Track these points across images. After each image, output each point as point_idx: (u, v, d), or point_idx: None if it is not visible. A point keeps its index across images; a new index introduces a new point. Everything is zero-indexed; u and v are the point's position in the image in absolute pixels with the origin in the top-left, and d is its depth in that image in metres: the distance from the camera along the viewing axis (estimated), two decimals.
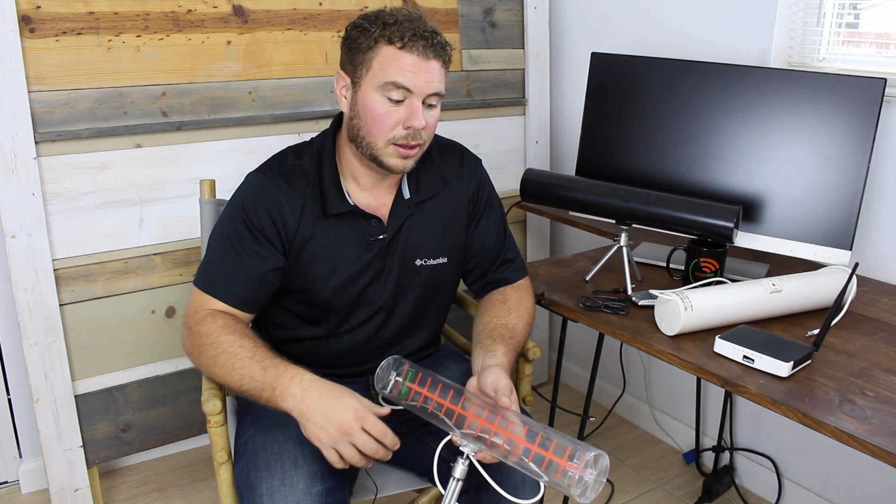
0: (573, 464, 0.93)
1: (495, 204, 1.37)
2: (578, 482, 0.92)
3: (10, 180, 1.55)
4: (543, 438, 0.97)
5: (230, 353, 1.11)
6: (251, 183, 1.23)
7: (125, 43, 1.64)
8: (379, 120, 1.14)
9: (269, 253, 1.20)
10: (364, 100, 1.15)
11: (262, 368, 1.09)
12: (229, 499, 1.22)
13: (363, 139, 1.17)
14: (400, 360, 1.13)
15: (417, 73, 1.12)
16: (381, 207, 1.26)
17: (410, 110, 1.14)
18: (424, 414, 1.08)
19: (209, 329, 1.15)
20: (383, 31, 1.12)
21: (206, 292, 1.20)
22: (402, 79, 1.12)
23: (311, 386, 1.07)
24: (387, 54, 1.12)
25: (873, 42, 1.68)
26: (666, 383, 2.21)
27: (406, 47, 1.12)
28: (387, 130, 1.15)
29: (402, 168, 1.19)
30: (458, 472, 1.04)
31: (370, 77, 1.14)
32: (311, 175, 1.23)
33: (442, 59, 1.16)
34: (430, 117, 1.17)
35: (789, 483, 1.90)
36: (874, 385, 1.13)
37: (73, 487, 1.75)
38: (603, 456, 0.94)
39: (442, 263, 1.31)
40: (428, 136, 1.19)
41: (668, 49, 1.96)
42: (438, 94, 1.17)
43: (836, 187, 1.44)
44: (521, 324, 1.28)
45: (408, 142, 1.16)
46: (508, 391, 1.08)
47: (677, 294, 1.26)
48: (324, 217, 1.22)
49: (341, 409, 1.04)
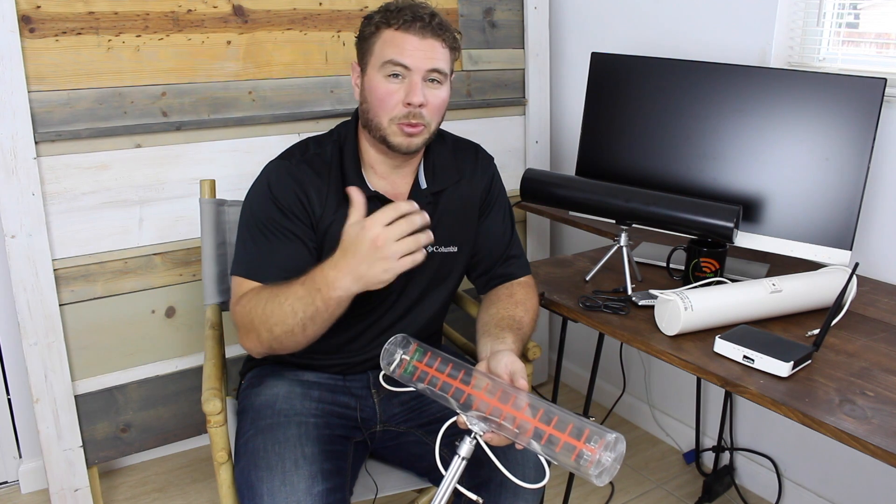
0: (590, 445, 0.90)
1: (504, 200, 1.41)
2: (596, 464, 0.89)
3: (10, 180, 1.55)
4: (560, 421, 0.94)
5: (273, 296, 1.12)
6: (276, 168, 1.25)
7: (125, 43, 1.64)
8: (382, 99, 1.19)
9: (302, 232, 1.22)
10: (369, 83, 1.21)
11: (300, 284, 1.10)
12: (229, 499, 1.21)
13: (371, 121, 1.21)
14: (408, 338, 1.10)
15: (414, 51, 1.17)
16: (398, 196, 1.29)
17: (409, 86, 1.18)
18: (431, 394, 1.05)
19: (248, 298, 1.17)
20: (384, 16, 1.19)
21: (247, 278, 1.20)
22: (398, 56, 1.17)
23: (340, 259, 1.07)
24: (386, 36, 1.18)
25: (873, 42, 1.68)
26: (666, 383, 2.21)
27: (402, 27, 1.17)
28: (389, 109, 1.19)
29: (406, 146, 1.21)
30: (464, 451, 1.00)
31: (373, 61, 1.20)
32: (334, 163, 1.26)
33: (441, 38, 1.19)
34: (432, 96, 1.20)
35: (789, 483, 1.90)
36: (874, 385, 1.13)
37: (73, 487, 1.75)
38: (621, 440, 0.92)
39: (452, 252, 1.33)
40: (431, 115, 1.22)
41: (668, 49, 1.96)
42: (438, 70, 1.19)
43: (836, 187, 1.44)
44: (527, 317, 1.29)
45: (409, 120, 1.19)
46: (523, 374, 1.06)
47: (677, 294, 1.26)
48: (345, 203, 1.23)
49: (360, 244, 1.04)
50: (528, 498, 1.21)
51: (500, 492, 1.19)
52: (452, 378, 1.03)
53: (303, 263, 1.20)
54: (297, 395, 1.26)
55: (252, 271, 1.21)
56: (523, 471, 1.16)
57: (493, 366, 1.09)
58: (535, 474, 1.17)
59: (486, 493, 1.18)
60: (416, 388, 1.07)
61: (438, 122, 1.25)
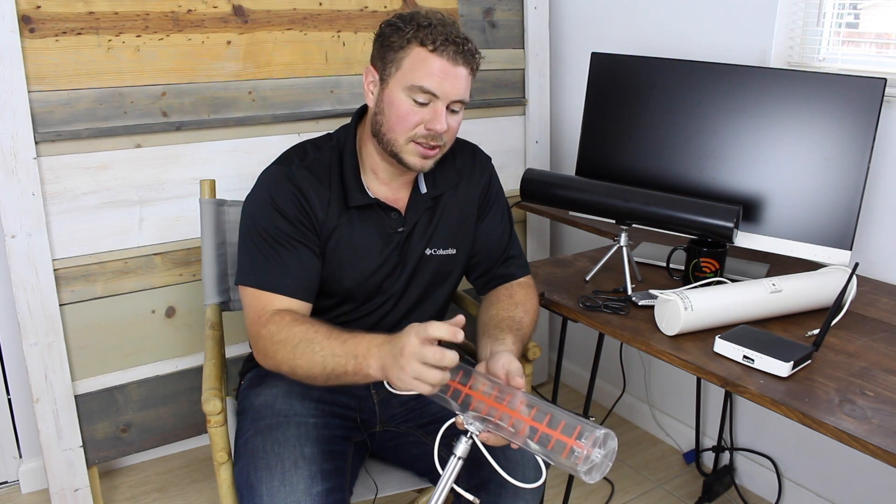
0: (580, 442, 0.91)
1: (502, 201, 1.41)
2: (585, 460, 0.90)
3: (10, 180, 1.55)
4: (552, 419, 0.95)
5: (307, 340, 1.10)
6: (275, 175, 1.23)
7: (125, 43, 1.64)
8: (402, 118, 1.17)
9: (308, 239, 1.22)
10: (390, 97, 1.18)
11: (341, 343, 1.08)
12: (229, 499, 1.21)
13: (385, 135, 1.20)
14: None
15: (444, 79, 1.15)
16: (398, 201, 1.29)
17: (434, 113, 1.16)
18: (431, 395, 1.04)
19: (279, 326, 1.14)
20: (416, 32, 1.15)
21: (266, 290, 1.19)
22: (429, 83, 1.14)
23: (384, 342, 1.04)
24: (417, 56, 1.15)
25: (873, 42, 1.68)
26: (666, 383, 2.21)
27: (437, 51, 1.14)
28: (408, 129, 1.17)
29: (420, 167, 1.21)
30: (460, 451, 1.01)
31: (399, 76, 1.16)
32: (333, 168, 1.25)
33: (470, 66, 1.18)
34: (452, 122, 1.19)
35: (789, 483, 1.90)
36: (874, 385, 1.13)
37: (73, 487, 1.75)
38: (612, 436, 0.92)
39: (451, 254, 1.34)
40: (449, 139, 1.22)
41: (668, 49, 1.96)
42: (462, 101, 1.19)
43: (836, 187, 1.44)
44: (527, 318, 1.29)
45: (427, 142, 1.18)
46: (520, 373, 1.07)
47: (677, 294, 1.26)
48: (346, 209, 1.24)
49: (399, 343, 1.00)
50: (527, 498, 1.21)
51: (500, 492, 1.19)
52: (451, 379, 1.04)
53: (314, 271, 1.22)
54: (296, 396, 1.26)
55: (267, 283, 1.19)
56: (522, 471, 1.16)
57: (492, 366, 1.10)
58: (534, 475, 1.17)
59: (485, 493, 1.18)
60: None
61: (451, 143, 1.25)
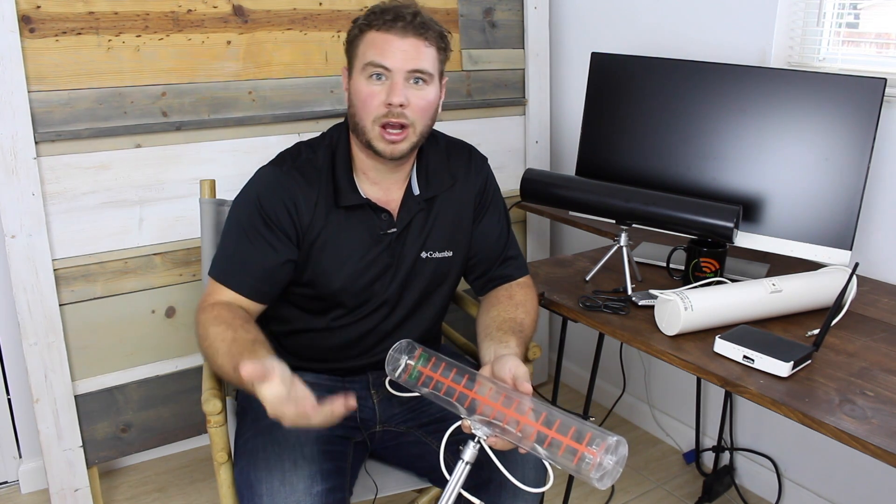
0: (592, 449, 0.91)
1: (499, 202, 1.40)
2: (597, 467, 0.90)
3: (10, 180, 1.55)
4: (561, 424, 0.94)
5: (214, 347, 1.12)
6: (266, 175, 1.25)
7: (125, 43, 1.64)
8: (364, 101, 1.18)
9: (283, 245, 1.22)
10: (354, 86, 1.20)
11: (232, 368, 1.05)
12: (229, 499, 1.22)
13: (357, 125, 1.21)
14: (413, 343, 1.11)
15: (392, 51, 1.16)
16: (390, 202, 1.28)
17: (390, 87, 1.16)
18: (436, 398, 1.06)
19: (204, 319, 1.17)
20: (367, 18, 1.18)
21: (219, 282, 1.22)
22: (378, 57, 1.16)
23: None
24: (369, 38, 1.18)
25: (873, 42, 1.68)
26: (666, 383, 2.21)
27: (384, 28, 1.16)
28: (371, 110, 1.17)
29: (390, 153, 1.20)
30: (468, 455, 1.01)
31: (357, 63, 1.19)
32: (325, 168, 1.25)
33: (424, 37, 1.17)
34: (415, 97, 1.18)
35: (789, 483, 1.90)
36: (874, 385, 1.13)
37: (73, 487, 1.75)
38: (623, 443, 0.92)
39: (447, 257, 1.33)
40: (414, 115, 1.19)
41: (668, 49, 1.96)
42: (422, 70, 1.18)
43: (836, 187, 1.44)
44: (528, 319, 1.28)
45: (389, 119, 1.17)
46: (527, 378, 1.06)
47: (677, 294, 1.26)
48: (336, 209, 1.24)
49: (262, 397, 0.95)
50: (527, 498, 1.21)
51: (500, 493, 1.19)
52: (457, 383, 1.04)
53: (276, 275, 1.23)
54: None
55: (221, 274, 1.23)
56: (523, 472, 1.15)
57: (497, 370, 1.08)
58: (535, 475, 1.17)
59: (485, 493, 1.18)
60: (422, 393, 1.08)
61: (426, 125, 1.23)
